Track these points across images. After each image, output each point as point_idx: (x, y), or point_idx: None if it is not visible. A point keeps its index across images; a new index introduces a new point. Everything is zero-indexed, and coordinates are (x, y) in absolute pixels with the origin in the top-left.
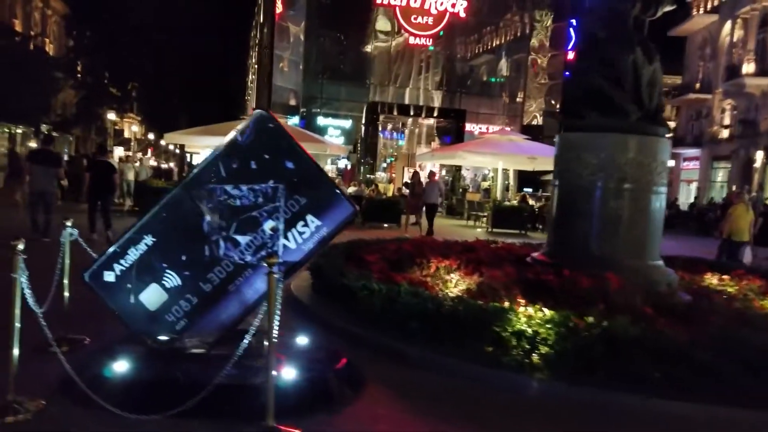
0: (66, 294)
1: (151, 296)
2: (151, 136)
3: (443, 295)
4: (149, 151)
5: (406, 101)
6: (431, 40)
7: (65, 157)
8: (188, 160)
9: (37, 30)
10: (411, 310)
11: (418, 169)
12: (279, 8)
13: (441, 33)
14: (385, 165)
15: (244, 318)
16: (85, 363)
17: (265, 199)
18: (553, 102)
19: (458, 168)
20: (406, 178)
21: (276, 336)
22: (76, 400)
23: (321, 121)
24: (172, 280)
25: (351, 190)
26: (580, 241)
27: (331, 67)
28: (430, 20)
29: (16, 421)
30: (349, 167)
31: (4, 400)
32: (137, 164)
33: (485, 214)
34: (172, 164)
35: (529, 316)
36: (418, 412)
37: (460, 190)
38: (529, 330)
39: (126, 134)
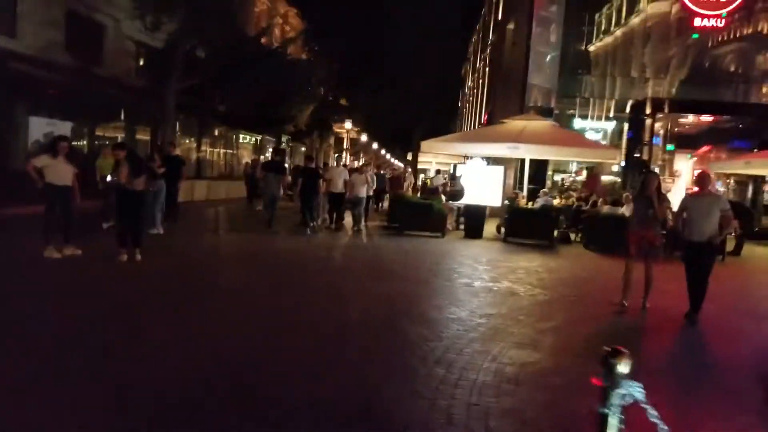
0: None
1: None
2: (374, 145)
3: None
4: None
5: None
6: (721, 21)
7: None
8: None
9: (277, 44)
10: None
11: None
12: None
13: (724, 13)
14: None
15: None
16: None
17: None
18: None
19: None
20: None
21: None
22: None
23: (578, 123)
24: None
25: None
26: None
27: (589, 59)
28: None
29: None
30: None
31: None
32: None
33: None
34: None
35: None
36: None
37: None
38: None
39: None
